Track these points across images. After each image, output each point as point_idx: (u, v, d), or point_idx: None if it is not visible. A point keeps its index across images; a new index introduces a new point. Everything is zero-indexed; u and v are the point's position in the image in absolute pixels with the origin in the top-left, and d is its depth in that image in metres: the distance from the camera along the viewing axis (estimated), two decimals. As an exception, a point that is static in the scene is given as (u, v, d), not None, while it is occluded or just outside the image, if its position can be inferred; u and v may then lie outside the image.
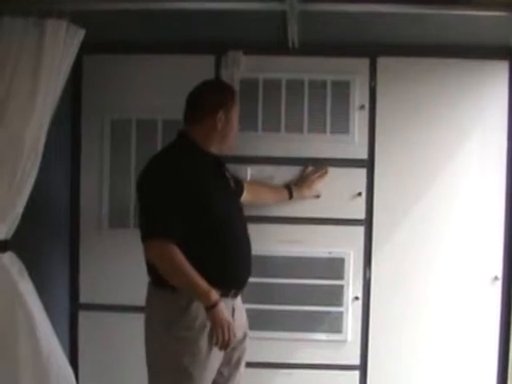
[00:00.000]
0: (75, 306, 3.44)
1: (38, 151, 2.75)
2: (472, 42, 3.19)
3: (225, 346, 2.57)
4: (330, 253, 3.31)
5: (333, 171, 3.32)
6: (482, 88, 3.30)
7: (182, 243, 2.55)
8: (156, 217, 2.58)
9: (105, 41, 3.24)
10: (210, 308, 2.53)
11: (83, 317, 3.43)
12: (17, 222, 2.79)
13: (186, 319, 2.59)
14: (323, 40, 3.22)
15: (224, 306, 2.56)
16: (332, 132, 3.32)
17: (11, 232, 2.80)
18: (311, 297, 3.31)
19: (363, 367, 3.36)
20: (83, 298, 3.43)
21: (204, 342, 2.59)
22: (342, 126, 3.31)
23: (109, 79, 3.38)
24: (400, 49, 3.27)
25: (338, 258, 3.33)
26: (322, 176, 3.31)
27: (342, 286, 3.33)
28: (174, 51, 3.35)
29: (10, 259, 2.81)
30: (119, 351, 3.36)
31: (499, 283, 3.30)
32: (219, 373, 2.74)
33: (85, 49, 2.96)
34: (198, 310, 2.58)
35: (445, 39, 3.18)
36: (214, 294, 2.54)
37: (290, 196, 3.29)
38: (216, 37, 3.22)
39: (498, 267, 3.31)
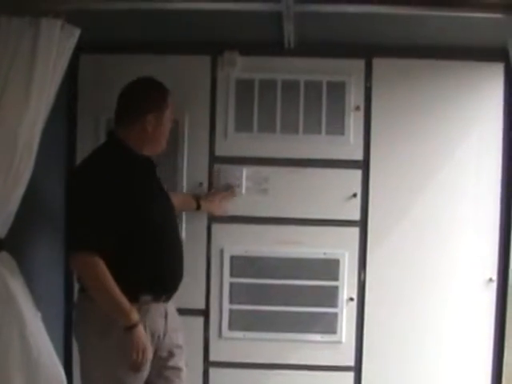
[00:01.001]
0: (70, 307, 3.43)
1: (32, 150, 2.74)
2: (467, 43, 3.20)
3: (136, 368, 2.54)
4: (324, 254, 3.31)
5: (328, 172, 3.33)
6: (478, 90, 3.31)
7: (112, 249, 2.50)
8: (82, 227, 2.52)
9: (101, 41, 3.24)
10: (129, 328, 2.50)
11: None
12: (10, 221, 2.77)
13: (118, 328, 2.54)
14: (319, 41, 3.22)
15: (142, 328, 2.53)
16: (327, 133, 3.32)
17: (5, 231, 2.78)
18: (306, 298, 3.31)
19: (358, 368, 3.36)
20: (78, 298, 3.43)
21: None
22: (337, 126, 3.32)
23: (105, 79, 3.36)
24: (395, 50, 3.28)
25: (332, 259, 3.33)
26: (228, 196, 3.30)
27: (336, 287, 3.33)
28: (169, 51, 3.35)
29: (3, 259, 2.79)
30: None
31: (494, 285, 3.31)
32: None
33: (81, 48, 2.95)
34: None
35: (440, 41, 3.19)
36: (135, 315, 2.51)
37: (198, 207, 3.27)
38: (212, 37, 3.23)
39: (492, 269, 3.31)
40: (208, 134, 3.36)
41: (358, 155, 3.34)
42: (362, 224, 3.34)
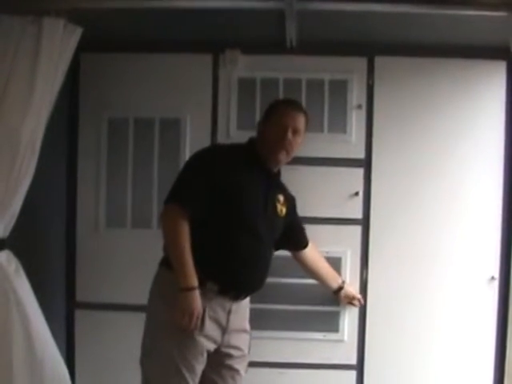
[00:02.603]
0: (72, 305, 3.44)
1: (35, 149, 2.75)
2: (470, 42, 3.19)
3: (182, 328, 2.57)
4: (327, 252, 3.30)
5: (330, 171, 3.33)
6: (480, 88, 3.30)
7: (198, 225, 2.60)
8: (182, 187, 2.65)
9: (102, 39, 3.24)
10: (183, 290, 2.55)
11: (80, 315, 3.43)
12: (13, 220, 2.78)
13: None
14: (321, 39, 3.22)
15: (198, 296, 2.57)
16: (329, 131, 3.32)
17: (8, 230, 2.79)
18: (308, 296, 3.31)
19: (360, 367, 3.36)
20: (80, 297, 3.43)
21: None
22: (339, 125, 3.31)
23: (106, 78, 3.37)
24: (397, 48, 3.28)
25: (335, 258, 3.32)
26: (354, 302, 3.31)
27: (339, 285, 3.33)
28: (171, 50, 3.35)
29: (6, 258, 2.80)
30: (116, 350, 3.35)
31: (496, 283, 3.31)
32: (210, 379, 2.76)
33: (82, 47, 2.95)
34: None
35: (442, 39, 3.18)
36: (194, 280, 2.56)
37: (339, 288, 3.27)
38: (214, 35, 3.22)
39: (494, 267, 3.31)
40: (210, 133, 3.36)
41: (360, 153, 3.34)
42: (364, 222, 3.34)
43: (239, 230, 2.67)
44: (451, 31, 3.08)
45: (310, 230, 3.24)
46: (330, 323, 3.33)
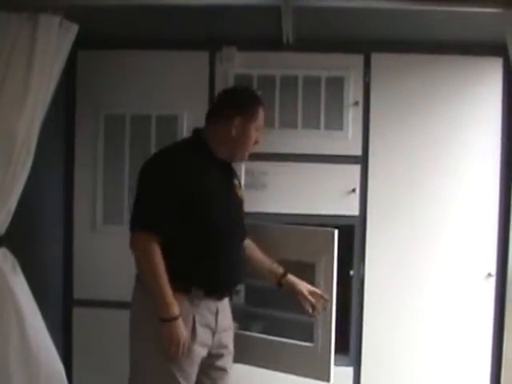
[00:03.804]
0: (69, 302, 3.44)
1: (30, 147, 2.75)
2: (466, 38, 3.19)
3: (171, 358, 2.53)
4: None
5: (327, 167, 3.33)
6: (477, 84, 3.31)
7: (171, 237, 2.52)
8: (146, 209, 2.55)
9: (99, 36, 3.25)
10: (167, 321, 2.50)
11: (77, 313, 3.44)
12: (10, 217, 2.78)
13: None
14: (317, 36, 3.22)
15: (181, 323, 2.51)
16: (326, 128, 3.32)
17: (4, 228, 2.79)
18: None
19: (357, 365, 3.37)
20: (77, 294, 3.44)
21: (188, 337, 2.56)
22: (336, 122, 3.32)
23: (103, 75, 3.38)
24: (394, 45, 3.28)
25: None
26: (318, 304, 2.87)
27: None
28: (168, 47, 3.35)
29: (3, 255, 2.80)
30: (113, 347, 3.34)
31: (493, 280, 3.31)
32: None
33: (79, 44, 2.96)
34: (182, 304, 2.54)
35: (439, 36, 3.18)
36: (175, 309, 2.50)
37: (282, 275, 2.89)
38: (210, 33, 3.23)
39: (491, 264, 3.31)
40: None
41: (357, 150, 3.34)
42: (361, 219, 3.34)
43: (213, 232, 2.61)
44: (448, 28, 3.08)
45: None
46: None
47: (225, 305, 2.75)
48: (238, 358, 2.88)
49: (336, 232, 2.88)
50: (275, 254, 2.90)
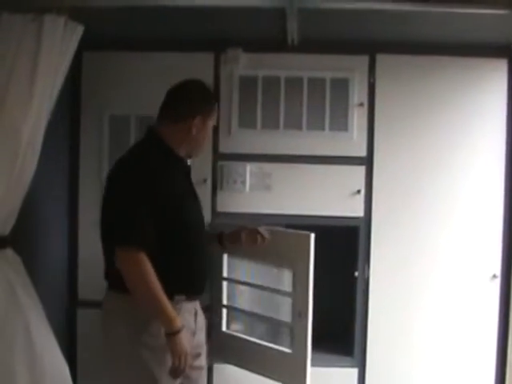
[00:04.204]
0: (74, 303, 3.44)
1: (36, 147, 2.75)
2: (471, 39, 3.19)
3: (177, 374, 2.48)
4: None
5: (331, 169, 3.33)
6: (481, 86, 3.31)
7: (152, 247, 2.47)
8: (130, 225, 2.46)
9: (105, 38, 3.25)
10: (173, 334, 2.44)
11: (81, 313, 3.43)
12: (15, 217, 2.79)
13: (154, 326, 2.50)
14: (322, 37, 3.22)
15: (185, 334, 2.49)
16: (331, 129, 3.32)
17: (9, 228, 2.79)
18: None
19: (362, 365, 3.36)
20: (82, 295, 3.44)
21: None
22: (340, 123, 3.31)
23: (108, 76, 3.38)
24: (399, 46, 3.28)
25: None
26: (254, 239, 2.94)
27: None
28: (173, 48, 3.36)
29: (8, 255, 2.81)
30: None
31: (498, 281, 3.31)
32: None
33: (84, 45, 2.97)
34: None
35: (444, 37, 3.18)
36: (179, 321, 2.46)
37: (220, 244, 3.03)
38: (215, 34, 3.23)
39: (496, 265, 3.31)
40: (211, 131, 3.36)
41: (362, 151, 3.34)
42: (366, 220, 3.34)
43: (188, 233, 2.59)
44: (452, 29, 3.08)
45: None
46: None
47: (198, 304, 2.73)
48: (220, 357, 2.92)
49: (313, 236, 2.83)
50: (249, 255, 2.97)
